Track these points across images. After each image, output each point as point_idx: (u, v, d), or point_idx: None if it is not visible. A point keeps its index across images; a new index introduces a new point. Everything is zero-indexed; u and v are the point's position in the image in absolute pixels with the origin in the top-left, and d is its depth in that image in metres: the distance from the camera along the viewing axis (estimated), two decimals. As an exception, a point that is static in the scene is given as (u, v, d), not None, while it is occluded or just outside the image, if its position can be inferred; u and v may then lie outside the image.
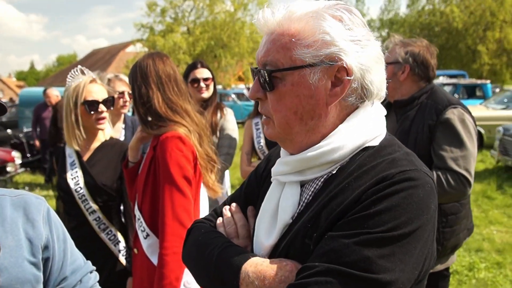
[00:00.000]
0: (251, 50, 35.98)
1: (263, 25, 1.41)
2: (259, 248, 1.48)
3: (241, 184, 1.82)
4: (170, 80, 2.86)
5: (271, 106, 1.42)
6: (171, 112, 2.82)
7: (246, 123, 4.43)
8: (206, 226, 1.67)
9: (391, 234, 1.19)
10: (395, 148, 1.40)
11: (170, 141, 2.69)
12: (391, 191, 1.24)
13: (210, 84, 4.38)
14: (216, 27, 35.21)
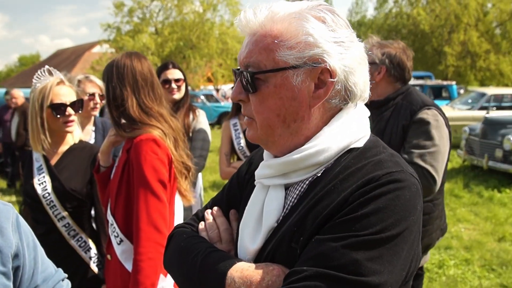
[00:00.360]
0: (220, 51, 35.90)
1: (245, 26, 1.39)
2: (244, 253, 1.46)
3: (223, 187, 1.78)
4: (146, 84, 2.79)
5: (253, 108, 1.40)
6: (146, 116, 2.76)
7: (224, 124, 4.41)
8: (188, 231, 1.63)
9: (379, 236, 1.19)
10: (380, 150, 1.40)
11: (145, 144, 2.64)
12: (378, 193, 1.24)
13: (181, 85, 4.33)
14: (185, 27, 35.00)
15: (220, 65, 37.07)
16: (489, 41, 38.20)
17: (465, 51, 37.50)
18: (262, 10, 1.37)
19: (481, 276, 6.04)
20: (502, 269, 6.24)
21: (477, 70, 37.75)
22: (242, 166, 1.76)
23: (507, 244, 7.18)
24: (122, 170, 2.73)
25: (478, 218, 8.49)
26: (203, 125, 4.52)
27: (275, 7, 1.37)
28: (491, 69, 37.15)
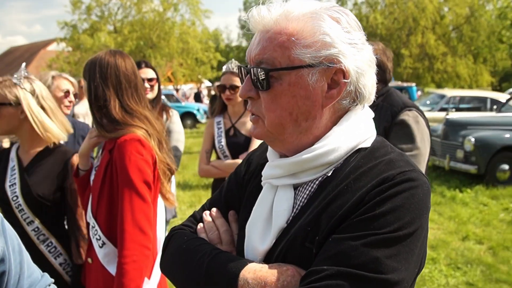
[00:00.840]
0: (180, 51, 35.66)
1: (258, 22, 1.38)
2: (252, 254, 1.44)
3: (220, 188, 1.76)
4: (130, 85, 2.72)
5: (264, 106, 1.39)
6: (129, 117, 2.68)
7: (208, 122, 4.40)
8: (188, 233, 1.61)
9: (397, 234, 1.21)
10: (388, 149, 1.41)
11: (129, 144, 2.56)
12: (394, 192, 1.25)
13: (154, 85, 4.29)
14: (145, 26, 34.63)
15: (181, 64, 36.82)
16: (446, 44, 39.16)
17: (423, 54, 38.31)
18: (276, 8, 1.37)
19: (448, 275, 6.15)
20: (467, 267, 6.36)
21: (434, 72, 38.62)
22: (240, 167, 1.74)
23: (471, 243, 7.32)
24: (104, 171, 2.64)
25: (442, 217, 8.63)
26: (177, 126, 4.48)
27: (290, 5, 1.36)
28: (448, 71, 38.04)
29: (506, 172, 10.81)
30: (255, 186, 1.58)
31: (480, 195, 10.12)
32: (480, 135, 10.93)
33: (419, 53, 38.31)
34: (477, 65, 40.04)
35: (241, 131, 4.21)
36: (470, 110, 16.36)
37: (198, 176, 12.14)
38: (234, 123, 4.26)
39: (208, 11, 37.30)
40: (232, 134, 4.22)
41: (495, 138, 10.89)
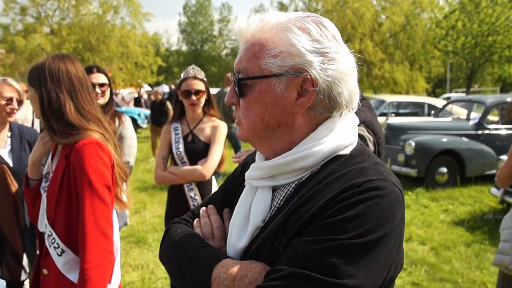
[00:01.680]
0: (120, 54, 35.09)
1: (239, 34, 1.48)
2: (231, 250, 1.52)
3: (219, 187, 1.86)
4: (82, 88, 2.68)
5: (241, 112, 1.48)
6: (85, 120, 2.64)
7: (165, 128, 4.31)
8: (183, 227, 1.70)
9: (356, 241, 1.23)
10: (364, 158, 1.44)
11: (88, 148, 2.53)
12: (358, 199, 1.27)
13: (106, 90, 4.16)
14: (84, 29, 33.90)
15: (120, 69, 36.20)
16: (384, 51, 40.17)
17: (361, 60, 39.02)
18: (254, 20, 1.45)
19: (394, 276, 6.30)
20: (412, 268, 6.54)
21: (372, 78, 39.52)
22: (237, 168, 1.84)
23: (414, 244, 7.53)
24: (61, 177, 2.58)
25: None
26: (130, 131, 4.41)
27: (267, 17, 1.44)
28: (386, 77, 39.01)
29: (445, 175, 11.23)
30: (244, 187, 1.66)
31: (421, 198, 10.43)
32: (420, 139, 11.31)
33: (358, 60, 39.06)
34: (413, 71, 41.26)
35: (199, 137, 4.19)
36: (409, 115, 16.87)
37: (141, 182, 12.09)
38: (192, 129, 4.23)
39: (148, 14, 36.93)
40: (190, 140, 4.19)
41: (434, 142, 11.30)
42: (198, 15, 75.08)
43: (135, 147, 4.41)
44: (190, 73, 4.15)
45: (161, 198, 10.40)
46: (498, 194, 8.57)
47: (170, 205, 4.32)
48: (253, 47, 1.41)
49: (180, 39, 76.59)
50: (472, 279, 6.19)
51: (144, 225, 8.55)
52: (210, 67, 71.45)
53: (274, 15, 1.44)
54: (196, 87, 4.12)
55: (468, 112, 13.03)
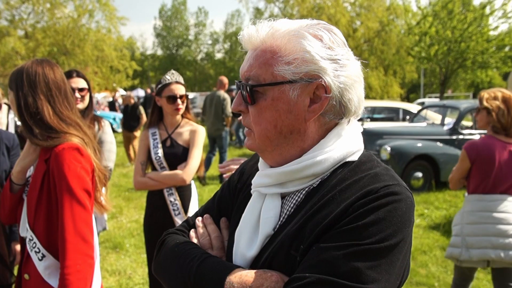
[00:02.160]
0: (95, 58, 34.80)
1: (247, 41, 1.46)
2: (240, 259, 1.48)
3: (214, 195, 1.82)
4: (60, 93, 2.68)
5: (252, 119, 1.45)
6: (64, 124, 2.64)
7: (143, 133, 4.28)
8: (181, 237, 1.66)
9: (378, 246, 1.24)
10: (374, 164, 1.46)
11: (68, 153, 2.53)
12: (377, 204, 1.29)
13: (85, 95, 4.12)
14: (59, 32, 33.54)
15: (95, 73, 35.88)
16: (359, 56, 40.46)
17: (337, 65, 39.57)
18: (264, 27, 1.44)
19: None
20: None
21: (348, 84, 39.95)
22: (233, 176, 1.80)
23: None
24: (41, 181, 2.57)
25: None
26: (109, 136, 4.38)
27: (277, 24, 1.44)
28: (361, 82, 39.45)
29: (420, 180, 11.36)
30: (246, 195, 1.64)
31: (397, 202, 10.45)
32: (395, 144, 11.42)
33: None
34: (387, 77, 41.81)
35: (178, 141, 4.18)
36: (384, 120, 17.01)
37: (117, 187, 11.99)
38: (170, 134, 4.21)
39: (123, 18, 36.68)
40: (169, 145, 4.17)
41: (409, 147, 11.41)
42: (173, 20, 74.97)
43: (114, 151, 4.38)
44: (172, 78, 4.13)
45: (137, 203, 10.34)
46: (472, 198, 8.67)
47: (150, 210, 4.28)
48: (264, 54, 1.41)
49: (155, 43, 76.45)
50: (448, 282, 6.26)
51: (121, 230, 8.48)
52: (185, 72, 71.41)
53: (284, 22, 1.44)
54: (180, 92, 4.13)
55: (443, 117, 13.18)
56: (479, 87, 67.40)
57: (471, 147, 4.40)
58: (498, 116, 4.28)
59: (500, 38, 26.88)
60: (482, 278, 6.37)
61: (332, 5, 40.08)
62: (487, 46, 26.79)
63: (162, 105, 4.19)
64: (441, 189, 11.40)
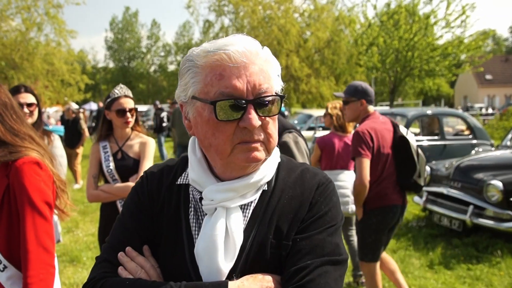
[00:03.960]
0: (45, 72, 34.17)
1: (254, 55, 1.48)
2: (216, 275, 1.48)
3: (121, 225, 1.70)
4: (7, 108, 2.73)
5: (269, 130, 1.50)
6: (18, 138, 2.70)
7: (93, 147, 4.33)
8: (122, 278, 1.55)
9: (339, 224, 1.58)
10: (293, 161, 1.73)
11: (28, 167, 2.60)
12: (329, 192, 1.61)
13: (34, 110, 4.16)
14: (6, 46, 32.83)
15: (46, 87, 35.21)
16: (310, 66, 41.13)
17: (288, 75, 39.92)
18: (257, 44, 1.53)
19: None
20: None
21: (300, 93, 40.36)
22: (139, 201, 1.71)
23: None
24: (2, 195, 2.62)
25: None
26: (59, 150, 4.44)
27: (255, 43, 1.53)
28: (313, 92, 39.96)
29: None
30: (173, 214, 1.63)
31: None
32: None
33: (285, 75, 39.89)
34: (339, 86, 42.39)
35: (128, 153, 4.26)
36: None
37: (73, 201, 11.83)
38: (121, 146, 4.29)
39: (73, 31, 36.16)
40: (120, 158, 4.25)
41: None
42: (124, 32, 74.24)
43: (65, 165, 4.46)
44: (120, 92, 4.22)
45: (93, 216, 10.29)
46: (421, 202, 9.01)
47: (103, 222, 4.34)
48: (265, 68, 1.49)
49: (107, 56, 75.49)
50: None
51: (77, 244, 8.46)
52: (138, 84, 70.75)
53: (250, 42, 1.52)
54: (129, 106, 4.22)
55: (391, 124, 13.48)
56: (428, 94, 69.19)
57: (320, 141, 6.68)
58: (337, 119, 6.63)
59: (444, 47, 27.79)
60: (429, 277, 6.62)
61: (282, 15, 40.51)
62: (432, 54, 27.61)
63: (112, 119, 4.26)
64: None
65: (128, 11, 74.56)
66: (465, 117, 13.85)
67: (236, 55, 1.43)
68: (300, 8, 43.52)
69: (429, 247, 7.95)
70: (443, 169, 8.97)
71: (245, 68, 1.44)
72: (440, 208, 8.56)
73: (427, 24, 27.27)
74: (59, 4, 34.05)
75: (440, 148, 12.53)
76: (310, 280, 1.41)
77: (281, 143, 3.33)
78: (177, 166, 1.74)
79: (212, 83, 1.45)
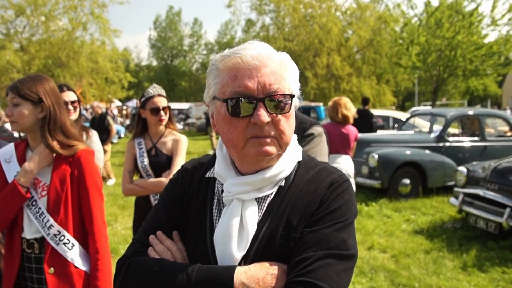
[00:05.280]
0: (90, 70, 34.94)
1: (266, 58, 1.62)
2: (229, 261, 1.62)
3: (155, 213, 1.89)
4: (63, 107, 3.13)
5: (281, 127, 1.63)
6: (75, 131, 3.13)
7: (129, 143, 4.55)
8: (148, 257, 1.72)
9: (349, 221, 1.63)
10: (315, 160, 1.83)
11: (89, 156, 3.06)
12: (342, 190, 1.67)
13: (77, 107, 4.48)
14: (54, 45, 33.69)
15: (91, 84, 36.04)
16: (351, 65, 40.87)
17: (329, 74, 39.75)
18: (269, 48, 1.68)
19: (355, 281, 6.57)
20: (372, 274, 6.84)
21: (340, 92, 40.02)
22: (172, 191, 1.89)
23: (376, 252, 7.82)
24: (70, 182, 2.97)
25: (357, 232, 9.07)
26: (97, 145, 4.63)
27: (269, 48, 1.68)
28: (354, 91, 39.64)
29: (407, 186, 11.58)
30: (200, 204, 1.78)
31: (384, 208, 10.75)
32: (383, 152, 11.66)
33: (326, 74, 39.74)
34: (380, 85, 42.07)
35: (162, 150, 4.44)
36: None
37: (112, 196, 12.19)
38: (155, 143, 4.47)
39: (117, 31, 36.83)
40: (153, 154, 4.43)
41: (397, 154, 11.65)
42: (168, 30, 75.05)
43: (102, 159, 4.64)
44: (154, 91, 4.41)
45: (131, 211, 10.32)
46: (457, 203, 8.89)
47: (138, 215, 4.57)
48: (279, 70, 1.63)
49: (150, 54, 76.45)
50: (429, 283, 6.49)
51: (116, 237, 8.73)
52: (180, 82, 71.44)
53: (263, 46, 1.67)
54: (162, 104, 4.41)
55: (431, 125, 13.37)
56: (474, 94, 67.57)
57: None
58: (331, 112, 7.95)
59: (489, 46, 27.08)
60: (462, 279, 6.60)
61: (324, 14, 40.39)
62: (476, 53, 26.91)
63: (147, 117, 4.46)
64: (429, 195, 11.61)
65: (172, 10, 75.42)
66: (507, 118, 13.58)
67: (248, 58, 1.59)
68: (342, 6, 43.37)
69: (464, 249, 7.89)
70: (480, 170, 8.83)
71: (257, 69, 1.59)
72: (476, 210, 8.40)
73: (470, 22, 26.59)
74: (104, 4, 34.85)
75: (480, 149, 12.36)
76: (310, 271, 1.48)
77: (307, 134, 3.47)
78: (208, 162, 1.90)
79: (228, 83, 1.61)
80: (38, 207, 2.95)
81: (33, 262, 2.96)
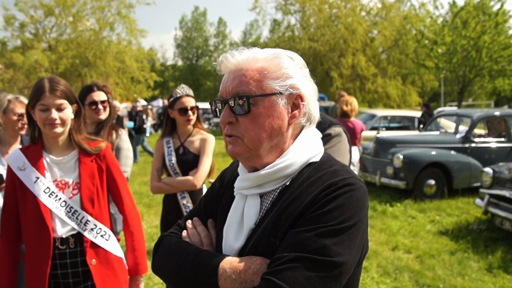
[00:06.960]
0: (117, 69, 35.34)
1: (231, 63, 1.73)
2: (229, 250, 1.75)
3: (199, 201, 2.08)
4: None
5: (244, 127, 1.69)
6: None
7: (158, 142, 4.65)
8: (174, 238, 1.91)
9: (340, 226, 1.53)
10: (333, 162, 1.78)
11: (110, 149, 3.34)
12: (337, 194, 1.59)
13: (107, 106, 4.60)
14: (81, 45, 34.17)
15: (117, 84, 36.41)
16: (376, 65, 40.60)
17: (354, 74, 39.56)
18: (245, 52, 1.75)
19: (379, 281, 6.60)
20: (396, 274, 6.85)
21: (366, 92, 39.91)
22: (215, 183, 2.07)
23: (400, 252, 7.83)
24: (99, 177, 3.17)
25: (373, 230, 9.10)
26: (126, 143, 4.76)
27: (254, 50, 1.76)
28: (379, 91, 39.45)
29: (433, 187, 11.50)
30: (228, 197, 1.91)
31: (409, 209, 10.70)
32: (408, 152, 11.60)
33: (351, 74, 39.56)
34: (405, 86, 41.73)
35: (189, 149, 4.53)
36: (399, 129, 17.20)
37: (138, 194, 12.34)
38: (183, 142, 4.57)
39: (143, 31, 37.21)
40: (181, 153, 4.52)
41: (422, 155, 11.59)
42: (193, 31, 75.32)
43: (131, 157, 4.76)
44: (182, 92, 4.51)
45: (157, 209, 10.63)
46: (482, 205, 8.82)
47: (165, 212, 4.66)
48: (250, 72, 1.69)
49: (176, 53, 76.74)
50: (453, 284, 6.49)
51: (141, 235, 8.80)
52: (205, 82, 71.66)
53: (261, 49, 1.77)
54: (190, 104, 4.51)
55: (457, 125, 13.27)
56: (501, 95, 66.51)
57: None
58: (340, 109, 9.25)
59: (515, 45, 26.56)
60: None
61: (349, 14, 40.25)
62: (502, 53, 26.48)
63: (175, 117, 4.56)
64: (454, 196, 11.51)
65: (197, 10, 75.68)
66: (535, 119, 13.42)
67: (224, 64, 1.75)
68: (367, 6, 43.14)
69: (489, 250, 7.84)
70: (506, 171, 8.75)
71: (230, 73, 1.73)
72: (502, 211, 8.33)
73: (497, 22, 26.16)
74: (131, 4, 35.24)
75: (507, 150, 12.21)
76: (278, 271, 1.49)
77: (325, 134, 3.50)
78: None
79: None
80: (69, 206, 3.03)
81: (68, 258, 3.03)
